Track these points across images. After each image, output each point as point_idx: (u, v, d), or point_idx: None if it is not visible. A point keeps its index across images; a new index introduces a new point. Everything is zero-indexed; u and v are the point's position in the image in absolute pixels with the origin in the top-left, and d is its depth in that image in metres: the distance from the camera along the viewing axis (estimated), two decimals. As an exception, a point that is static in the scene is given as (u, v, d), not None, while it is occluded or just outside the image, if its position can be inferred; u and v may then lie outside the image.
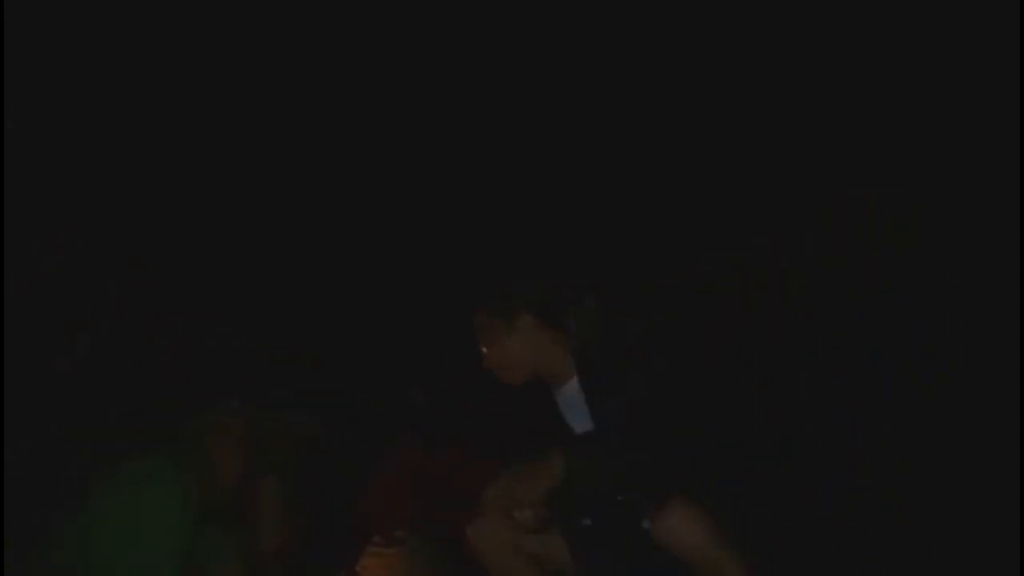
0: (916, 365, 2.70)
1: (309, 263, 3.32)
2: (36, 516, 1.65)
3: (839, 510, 2.22)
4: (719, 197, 3.17)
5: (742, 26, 3.11)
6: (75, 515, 1.57)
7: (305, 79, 3.16)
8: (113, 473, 1.60)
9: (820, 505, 2.23)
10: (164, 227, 3.09)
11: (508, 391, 2.04)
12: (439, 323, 3.15)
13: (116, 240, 2.95)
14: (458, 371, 3.01)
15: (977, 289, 2.73)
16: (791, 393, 2.76)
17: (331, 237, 3.37)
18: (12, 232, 2.43)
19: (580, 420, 1.92)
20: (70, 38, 2.84)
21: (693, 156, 3.23)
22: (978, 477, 2.26)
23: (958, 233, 2.84)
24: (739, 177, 3.19)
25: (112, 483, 1.59)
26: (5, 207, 2.40)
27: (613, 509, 1.76)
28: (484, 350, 2.00)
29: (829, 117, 3.07)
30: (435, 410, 3.08)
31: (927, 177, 2.91)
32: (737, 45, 3.14)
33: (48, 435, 2.26)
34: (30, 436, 2.23)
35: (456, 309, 2.12)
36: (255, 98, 3.13)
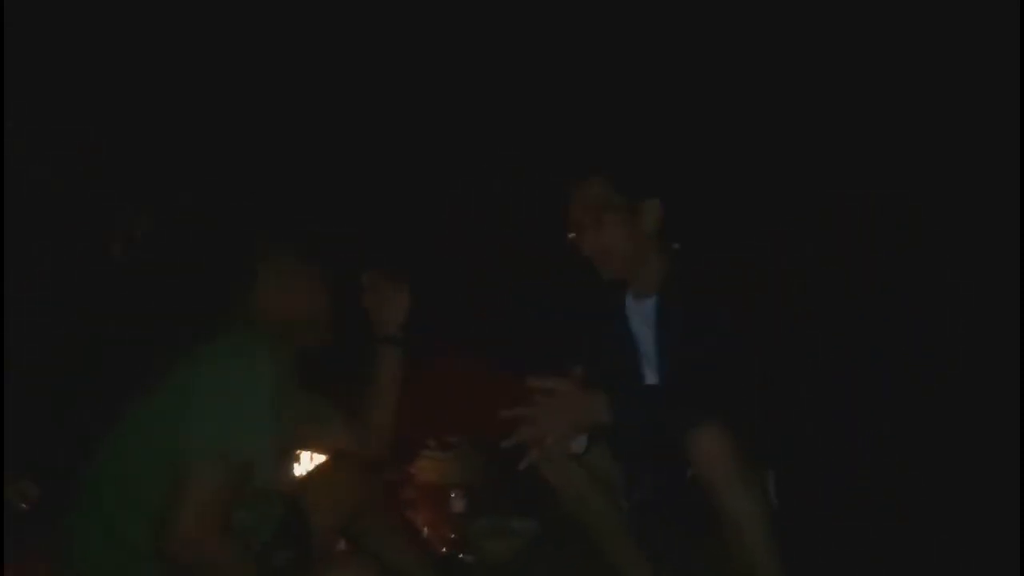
0: (916, 365, 2.70)
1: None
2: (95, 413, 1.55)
3: (839, 510, 2.22)
4: (719, 197, 3.17)
5: (743, 26, 3.11)
6: (151, 399, 1.45)
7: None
8: (192, 353, 1.47)
9: (819, 505, 2.23)
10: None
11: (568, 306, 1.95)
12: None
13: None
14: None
15: (977, 289, 2.73)
16: (790, 393, 2.75)
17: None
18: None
19: (646, 339, 1.83)
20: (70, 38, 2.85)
21: (693, 156, 3.23)
22: (978, 477, 2.26)
23: (958, 233, 2.84)
24: (739, 177, 3.19)
25: (200, 357, 1.45)
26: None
27: (665, 446, 1.68)
28: (588, 225, 1.78)
29: (829, 117, 3.07)
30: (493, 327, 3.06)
31: (927, 177, 2.91)
32: (738, 45, 3.14)
33: (110, 324, 2.19)
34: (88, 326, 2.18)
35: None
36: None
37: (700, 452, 1.54)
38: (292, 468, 1.68)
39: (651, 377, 1.83)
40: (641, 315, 1.85)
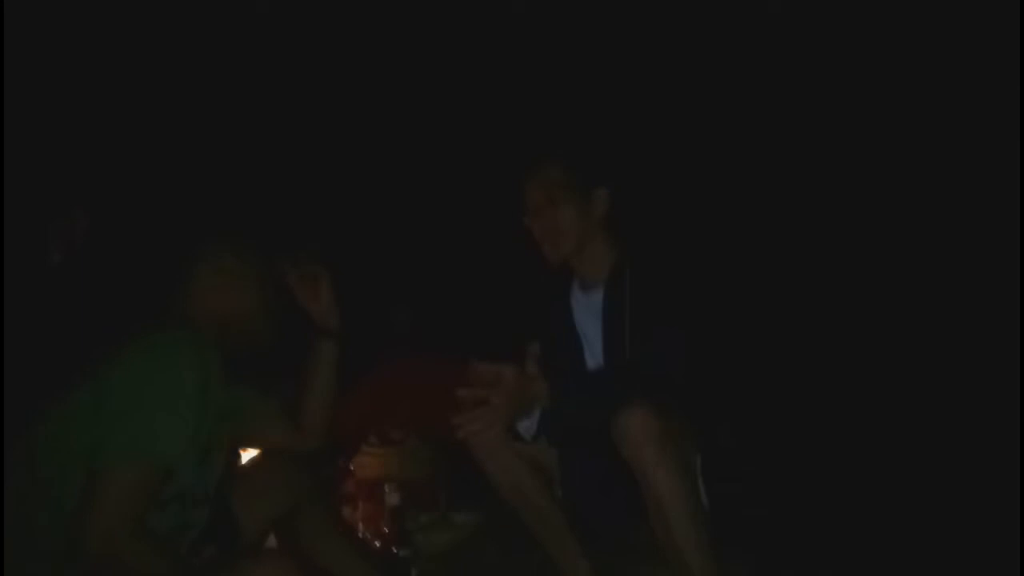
0: (916, 365, 2.70)
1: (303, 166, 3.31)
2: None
3: (839, 510, 2.21)
4: (719, 197, 3.18)
5: (742, 25, 3.11)
6: (83, 390, 1.44)
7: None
8: (113, 353, 1.46)
9: (820, 505, 2.23)
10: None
11: (505, 303, 1.97)
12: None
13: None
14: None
15: (977, 289, 2.73)
16: (790, 393, 2.75)
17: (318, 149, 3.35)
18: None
19: (591, 329, 1.87)
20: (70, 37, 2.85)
21: (693, 156, 3.24)
22: (978, 477, 2.26)
23: (958, 233, 2.84)
24: (739, 177, 3.19)
25: (120, 357, 1.45)
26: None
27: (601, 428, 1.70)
28: (543, 204, 1.85)
29: (829, 117, 3.07)
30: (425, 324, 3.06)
31: (927, 177, 2.91)
32: (737, 44, 3.14)
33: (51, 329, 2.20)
34: (32, 332, 2.18)
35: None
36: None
37: (625, 432, 1.57)
38: (219, 466, 1.63)
39: (593, 366, 1.87)
40: (588, 305, 1.89)
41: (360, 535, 2.26)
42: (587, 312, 1.89)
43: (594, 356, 1.87)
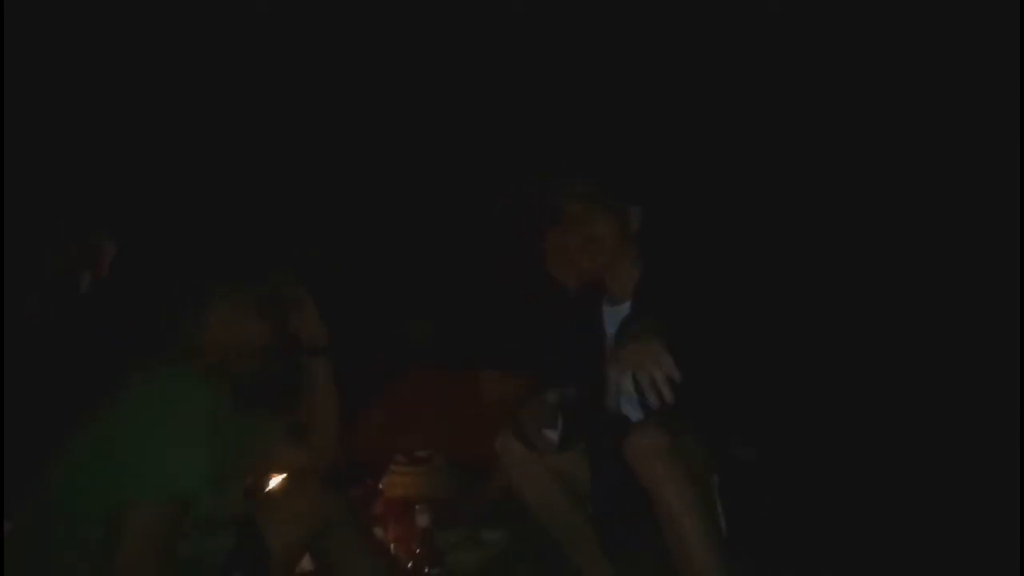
0: (915, 365, 2.70)
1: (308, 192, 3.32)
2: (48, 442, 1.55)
3: (838, 510, 2.22)
4: (719, 197, 3.18)
5: (741, 25, 3.11)
6: (88, 431, 1.48)
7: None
8: (126, 387, 1.49)
9: (819, 505, 2.23)
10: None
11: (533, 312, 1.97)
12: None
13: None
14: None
15: (977, 289, 2.73)
16: (790, 393, 2.75)
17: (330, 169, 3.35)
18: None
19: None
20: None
21: (693, 156, 3.24)
22: (978, 477, 2.26)
23: (958, 233, 2.84)
24: (739, 177, 3.19)
25: (128, 395, 1.48)
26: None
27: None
28: (580, 215, 1.87)
29: (829, 117, 3.07)
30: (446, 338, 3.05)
31: (927, 177, 2.91)
32: (737, 44, 3.14)
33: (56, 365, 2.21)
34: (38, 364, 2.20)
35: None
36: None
37: (635, 449, 1.57)
38: (236, 493, 1.65)
39: None
40: (617, 317, 1.90)
41: (391, 555, 2.25)
42: (616, 323, 1.89)
43: None
